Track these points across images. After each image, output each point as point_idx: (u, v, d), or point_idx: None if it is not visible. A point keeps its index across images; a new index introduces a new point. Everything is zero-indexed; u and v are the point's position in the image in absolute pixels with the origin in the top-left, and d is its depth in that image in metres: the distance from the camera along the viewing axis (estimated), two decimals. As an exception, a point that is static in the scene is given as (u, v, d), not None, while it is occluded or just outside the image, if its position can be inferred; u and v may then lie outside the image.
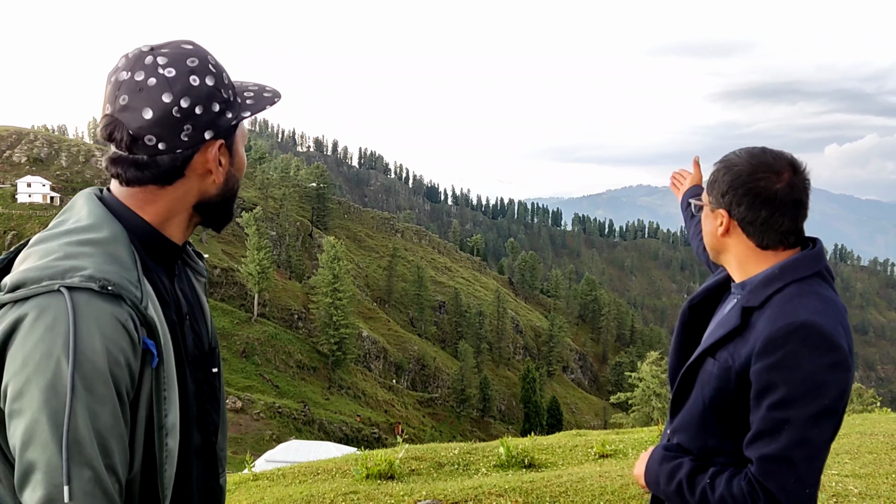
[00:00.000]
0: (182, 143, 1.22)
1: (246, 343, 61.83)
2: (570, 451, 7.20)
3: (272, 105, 1.35)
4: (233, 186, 1.36)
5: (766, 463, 1.47)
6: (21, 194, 72.91)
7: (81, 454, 1.02)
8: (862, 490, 4.91)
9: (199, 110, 1.22)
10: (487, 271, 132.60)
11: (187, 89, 1.21)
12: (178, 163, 1.24)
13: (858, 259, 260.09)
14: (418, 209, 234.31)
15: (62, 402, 1.02)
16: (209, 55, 1.27)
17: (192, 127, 1.22)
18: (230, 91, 1.29)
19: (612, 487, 5.28)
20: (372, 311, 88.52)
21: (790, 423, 1.46)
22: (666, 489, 1.66)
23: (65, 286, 1.07)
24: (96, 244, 1.17)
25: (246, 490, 6.26)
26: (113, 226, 1.21)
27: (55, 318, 1.05)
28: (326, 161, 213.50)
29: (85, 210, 1.23)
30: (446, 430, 66.29)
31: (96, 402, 1.05)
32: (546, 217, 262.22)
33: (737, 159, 1.64)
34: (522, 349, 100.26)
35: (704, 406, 1.64)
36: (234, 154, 1.33)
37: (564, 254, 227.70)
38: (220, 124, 1.26)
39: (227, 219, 1.38)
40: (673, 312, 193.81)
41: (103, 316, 1.08)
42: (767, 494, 1.46)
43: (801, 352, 1.47)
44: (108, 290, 1.10)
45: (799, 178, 1.60)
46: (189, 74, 1.21)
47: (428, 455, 6.95)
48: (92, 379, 1.04)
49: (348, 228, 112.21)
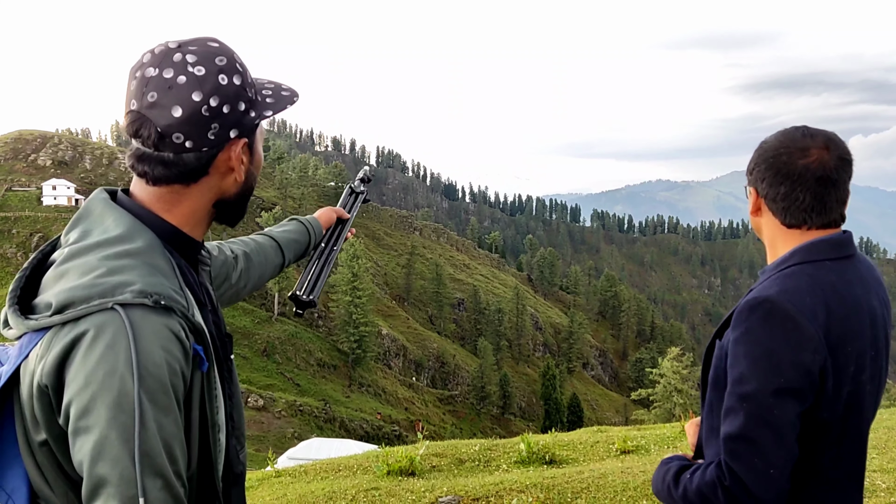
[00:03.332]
0: (209, 142, 1.23)
1: (267, 342, 62.27)
2: (592, 448, 7.16)
3: (292, 105, 1.36)
4: (251, 184, 1.38)
5: (731, 442, 1.46)
6: (46, 197, 74.00)
7: (152, 465, 1.06)
8: (890, 485, 4.84)
9: (226, 109, 1.23)
10: (506, 268, 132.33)
11: (217, 88, 1.21)
12: (204, 161, 1.24)
13: (884, 252, 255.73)
14: (436, 207, 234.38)
15: (130, 417, 1.05)
16: (235, 54, 1.28)
17: (219, 126, 1.23)
18: (254, 90, 1.30)
19: (634, 483, 5.25)
20: (391, 308, 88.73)
21: (748, 400, 1.44)
22: (661, 494, 1.67)
23: (118, 303, 1.09)
24: (135, 255, 1.17)
25: (269, 486, 6.32)
26: (145, 234, 1.21)
27: (114, 336, 1.07)
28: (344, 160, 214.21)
29: (110, 219, 1.22)
30: (466, 428, 66.31)
31: (161, 414, 1.08)
32: (564, 213, 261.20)
33: (770, 137, 1.62)
34: (542, 346, 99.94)
35: (709, 387, 1.64)
36: (254, 152, 1.35)
37: (583, 250, 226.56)
38: (245, 123, 1.28)
39: (242, 214, 1.40)
40: (693, 308, 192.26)
41: (159, 330, 1.11)
42: (732, 475, 1.44)
43: (761, 328, 1.46)
44: (160, 304, 1.12)
45: (831, 156, 1.54)
46: (218, 73, 1.22)
47: (449, 451, 6.96)
48: (155, 392, 1.08)
49: (367, 227, 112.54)
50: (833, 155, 1.55)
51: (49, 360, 1.09)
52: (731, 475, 1.44)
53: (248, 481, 6.64)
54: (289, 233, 1.98)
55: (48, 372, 1.09)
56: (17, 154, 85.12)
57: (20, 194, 75.10)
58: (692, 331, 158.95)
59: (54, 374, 1.09)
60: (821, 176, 1.54)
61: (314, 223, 2.06)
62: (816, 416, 1.48)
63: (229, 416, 1.34)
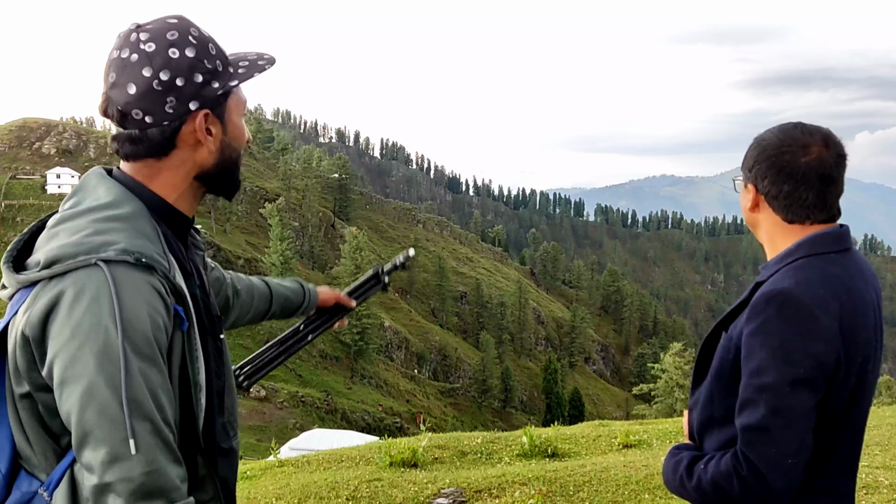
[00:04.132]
0: (168, 115, 1.26)
1: (269, 333, 62.43)
2: (594, 441, 7.17)
3: (262, 71, 1.36)
4: (230, 156, 1.38)
5: (748, 432, 1.48)
6: (51, 185, 74.16)
7: (140, 410, 1.11)
8: (893, 481, 4.83)
9: (180, 82, 1.25)
10: (509, 262, 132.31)
11: (167, 62, 1.24)
12: (168, 134, 1.28)
13: (889, 249, 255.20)
14: (440, 200, 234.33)
15: (116, 366, 1.10)
16: (192, 27, 1.29)
17: (175, 99, 1.26)
18: (217, 61, 1.31)
19: (636, 477, 5.25)
20: (394, 301, 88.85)
21: (766, 391, 1.47)
22: (672, 485, 1.68)
23: (101, 260, 1.15)
24: (122, 219, 1.23)
25: (272, 476, 6.34)
26: (133, 202, 1.27)
27: (98, 290, 1.13)
28: (348, 152, 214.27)
29: (102, 188, 1.28)
30: (468, 421, 66.47)
31: (145, 363, 1.14)
32: (568, 207, 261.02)
33: (767, 134, 1.64)
34: (544, 340, 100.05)
35: (712, 377, 1.65)
36: (228, 123, 1.36)
37: (587, 244, 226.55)
38: (206, 94, 1.29)
39: (234, 186, 1.44)
40: (696, 304, 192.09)
41: (142, 285, 1.16)
42: (749, 464, 1.46)
43: (777, 319, 1.48)
44: (142, 261, 1.17)
45: (830, 153, 1.57)
46: (169, 48, 1.25)
47: (451, 444, 6.97)
48: (139, 343, 1.13)
49: (370, 219, 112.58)
50: (832, 152, 1.58)
51: (34, 312, 1.14)
52: (748, 465, 1.46)
53: (251, 471, 6.66)
54: (285, 288, 1.98)
55: (33, 323, 1.14)
56: (21, 142, 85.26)
57: (24, 182, 75.28)
58: (695, 327, 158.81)
59: (39, 326, 1.14)
60: (822, 174, 1.56)
61: (313, 294, 2.04)
62: (826, 405, 1.51)
63: (219, 395, 1.38)
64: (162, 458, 1.14)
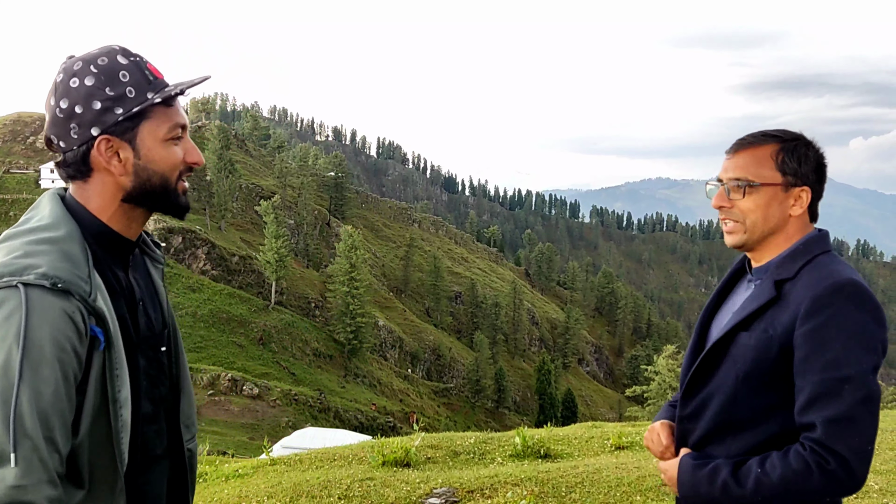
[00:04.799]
0: (74, 141, 1.36)
1: (263, 331, 62.29)
2: (586, 443, 7.19)
3: (172, 94, 1.39)
4: (149, 179, 1.41)
5: (832, 425, 1.45)
6: (45, 180, 73.83)
7: (23, 427, 1.18)
8: (883, 486, 4.86)
9: (78, 109, 1.34)
10: (504, 262, 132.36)
11: (66, 91, 1.34)
12: (79, 157, 1.36)
13: (881, 255, 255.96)
14: (436, 199, 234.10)
15: (11, 383, 1.18)
16: (102, 57, 1.36)
17: (77, 125, 1.34)
18: (127, 88, 1.36)
19: (628, 479, 5.26)
20: (388, 300, 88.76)
21: (850, 382, 1.46)
22: (709, 493, 1.60)
23: (21, 282, 1.23)
24: (53, 242, 1.30)
25: (264, 474, 6.33)
26: (69, 225, 1.35)
27: (11, 311, 1.21)
28: (345, 150, 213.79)
29: (48, 209, 1.37)
30: (461, 421, 66.45)
31: (40, 384, 1.20)
32: (564, 209, 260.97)
33: (806, 137, 1.68)
34: (538, 341, 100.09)
35: (737, 379, 1.61)
36: (140, 146, 1.39)
37: (582, 246, 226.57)
38: (105, 120, 1.35)
39: (174, 206, 1.46)
40: (690, 307, 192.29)
41: (52, 309, 1.23)
42: (836, 457, 1.44)
43: (848, 308, 1.49)
44: (57, 286, 1.24)
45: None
46: (70, 77, 1.34)
47: (444, 443, 6.98)
48: (38, 363, 1.20)
49: (366, 218, 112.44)
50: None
51: None
52: (836, 458, 1.44)
53: (243, 469, 6.65)
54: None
55: None
56: (15, 136, 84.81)
57: (18, 177, 74.91)
58: (688, 329, 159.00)
59: None
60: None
61: None
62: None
63: (154, 403, 1.48)
64: (35, 475, 1.19)
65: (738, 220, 1.69)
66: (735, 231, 1.70)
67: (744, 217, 1.68)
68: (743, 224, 1.68)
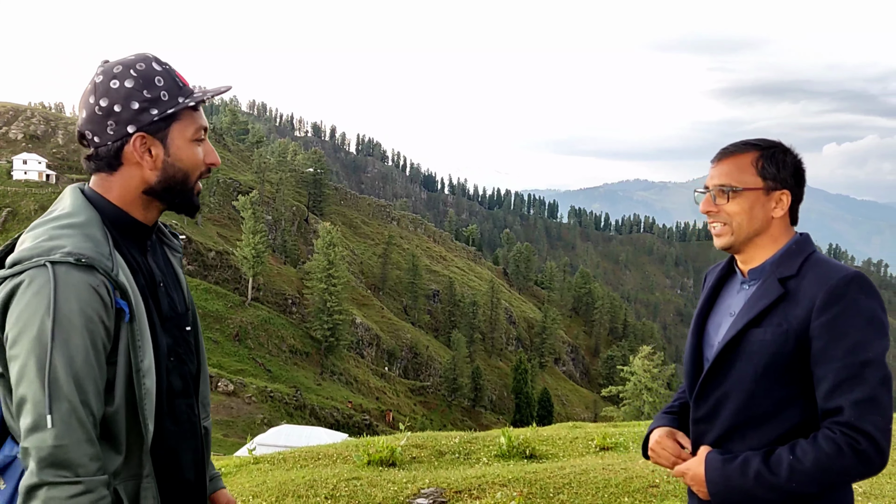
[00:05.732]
0: (109, 136, 1.50)
1: (239, 327, 61.72)
2: (571, 443, 7.19)
3: (199, 102, 1.58)
4: (174, 175, 1.57)
5: (859, 406, 1.54)
6: (17, 171, 72.34)
7: (60, 391, 1.31)
8: (866, 489, 4.92)
9: (117, 108, 1.49)
10: (482, 261, 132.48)
11: (106, 91, 1.49)
12: (112, 152, 1.52)
13: (853, 259, 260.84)
14: (415, 197, 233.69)
15: (45, 350, 1.31)
16: (141, 63, 1.53)
17: (114, 122, 1.49)
18: (159, 91, 1.52)
19: (615, 480, 5.27)
20: (366, 298, 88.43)
21: (871, 364, 1.56)
22: (742, 485, 1.63)
23: (49, 261, 1.36)
24: (75, 227, 1.45)
25: (247, 473, 6.24)
26: (88, 212, 1.50)
27: (41, 286, 1.35)
28: (324, 146, 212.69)
29: (69, 200, 1.52)
30: (437, 419, 66.43)
31: (72, 351, 1.34)
32: (542, 209, 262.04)
33: (783, 144, 1.81)
34: (515, 340, 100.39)
35: (756, 374, 1.67)
36: (170, 146, 1.56)
37: (559, 246, 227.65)
38: (141, 119, 1.50)
39: (188, 204, 1.62)
40: (666, 308, 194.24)
41: (78, 283, 1.37)
42: (866, 436, 1.53)
43: (861, 298, 1.61)
44: (81, 262, 1.38)
45: None
46: (111, 79, 1.50)
47: (429, 443, 6.94)
48: (68, 331, 1.33)
49: (344, 215, 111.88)
50: None
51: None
52: (866, 437, 1.53)
53: (226, 468, 6.55)
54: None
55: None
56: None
57: (-10, 167, 73.39)
58: (664, 330, 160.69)
59: (1, 313, 1.39)
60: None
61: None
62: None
63: (183, 378, 1.61)
64: (73, 435, 1.32)
65: (726, 223, 1.79)
66: (723, 234, 1.81)
67: (730, 220, 1.78)
68: (730, 226, 1.79)
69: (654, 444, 1.91)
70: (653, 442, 1.92)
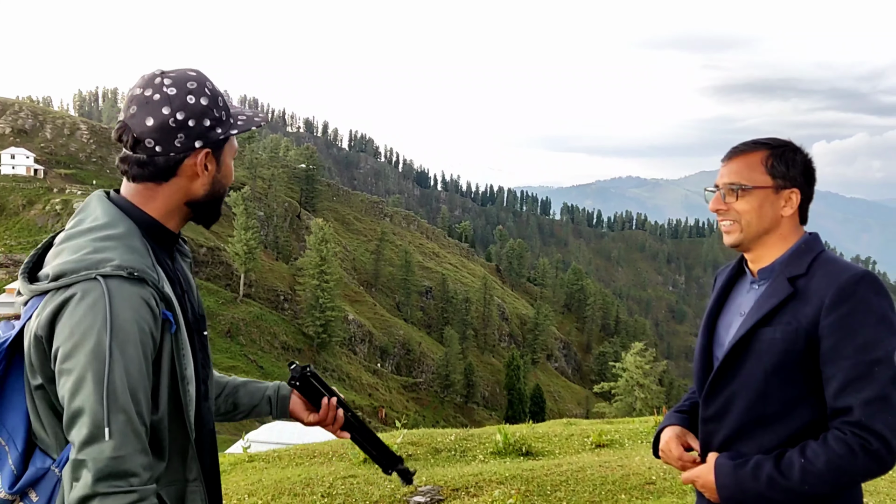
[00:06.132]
0: (175, 148, 1.52)
1: (231, 323, 61.55)
2: (567, 440, 7.19)
3: (257, 127, 1.67)
4: (219, 190, 1.64)
5: (870, 405, 1.52)
6: (5, 166, 71.87)
7: (117, 402, 1.33)
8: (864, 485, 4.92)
9: (191, 123, 1.52)
10: (475, 258, 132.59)
11: (183, 105, 1.51)
12: (172, 163, 1.53)
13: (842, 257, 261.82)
14: (407, 194, 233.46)
15: (102, 363, 1.33)
16: (208, 81, 1.59)
17: (184, 136, 1.52)
18: (223, 112, 1.59)
19: (612, 477, 5.27)
20: (358, 294, 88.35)
21: (881, 363, 1.54)
22: (754, 490, 1.62)
23: (100, 274, 1.37)
24: (116, 238, 1.46)
25: (242, 471, 6.20)
26: (125, 222, 1.50)
27: (95, 299, 1.36)
28: (316, 142, 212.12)
29: (100, 210, 1.52)
30: (430, 416, 66.49)
31: (128, 363, 1.36)
32: (535, 205, 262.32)
33: (795, 144, 1.82)
34: (508, 336, 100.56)
35: (766, 374, 1.67)
36: (222, 163, 1.62)
37: (552, 243, 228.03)
38: (210, 136, 1.56)
39: (215, 217, 1.67)
40: (658, 304, 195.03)
41: (131, 296, 1.39)
42: (877, 436, 1.51)
43: (870, 297, 1.60)
44: (134, 275, 1.40)
45: None
46: (187, 94, 1.53)
47: (424, 440, 6.92)
48: (125, 345, 1.36)
49: (337, 211, 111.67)
50: None
51: (44, 316, 1.38)
52: (876, 437, 1.51)
53: (221, 465, 6.51)
54: (250, 391, 1.95)
55: (43, 325, 1.38)
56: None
57: (-21, 162, 72.74)
58: (656, 326, 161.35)
59: (47, 327, 1.38)
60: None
61: (278, 400, 1.94)
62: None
63: (203, 382, 1.63)
64: (130, 446, 1.34)
65: (735, 220, 1.78)
66: (732, 231, 1.80)
67: (739, 218, 1.78)
68: (739, 224, 1.78)
69: (662, 446, 1.92)
70: (662, 443, 1.92)
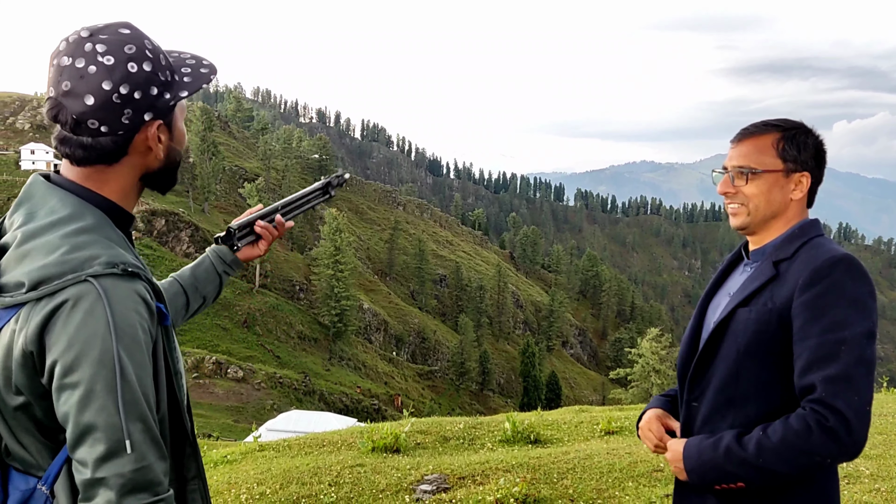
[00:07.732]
0: (123, 126, 1.31)
1: (247, 313, 61.97)
2: (576, 428, 7.17)
3: (209, 82, 1.44)
4: (175, 158, 1.45)
5: (831, 383, 1.51)
6: (25, 161, 72.60)
7: (134, 412, 1.21)
8: (873, 471, 4.87)
9: (137, 95, 1.30)
10: (489, 245, 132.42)
11: (126, 76, 1.28)
12: (121, 143, 1.33)
13: (863, 238, 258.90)
14: (420, 182, 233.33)
15: (112, 372, 1.19)
16: (146, 39, 1.34)
17: (132, 111, 1.31)
18: (168, 72, 1.36)
19: (620, 465, 5.25)
20: (373, 283, 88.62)
21: (847, 343, 1.53)
22: (713, 460, 1.63)
23: (90, 276, 1.23)
24: (90, 231, 1.29)
25: (252, 460, 6.26)
26: (92, 211, 1.33)
27: (92, 304, 1.21)
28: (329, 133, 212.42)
29: (54, 199, 1.31)
30: (445, 403, 66.75)
31: (137, 367, 1.24)
32: (548, 192, 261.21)
33: (805, 125, 1.77)
34: (522, 323, 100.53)
35: (738, 354, 1.68)
36: (174, 129, 1.42)
37: (566, 229, 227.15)
38: (159, 105, 1.34)
39: (172, 184, 1.49)
40: (673, 289, 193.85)
41: (129, 294, 1.26)
42: (835, 412, 1.50)
43: (845, 279, 1.59)
44: (127, 271, 1.27)
45: None
46: (128, 62, 1.29)
47: (433, 429, 6.94)
48: (132, 348, 1.23)
49: (350, 201, 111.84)
50: None
51: (31, 330, 1.22)
52: (834, 414, 1.50)
53: (231, 455, 6.57)
54: (191, 274, 1.89)
55: (31, 339, 1.22)
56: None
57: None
58: (672, 312, 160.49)
59: (37, 341, 1.21)
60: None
61: (223, 262, 1.91)
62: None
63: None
64: (151, 455, 1.23)
65: (743, 204, 1.76)
66: (739, 213, 1.78)
67: (748, 201, 1.75)
68: (746, 207, 1.76)
69: (642, 425, 1.93)
70: (642, 423, 1.93)
